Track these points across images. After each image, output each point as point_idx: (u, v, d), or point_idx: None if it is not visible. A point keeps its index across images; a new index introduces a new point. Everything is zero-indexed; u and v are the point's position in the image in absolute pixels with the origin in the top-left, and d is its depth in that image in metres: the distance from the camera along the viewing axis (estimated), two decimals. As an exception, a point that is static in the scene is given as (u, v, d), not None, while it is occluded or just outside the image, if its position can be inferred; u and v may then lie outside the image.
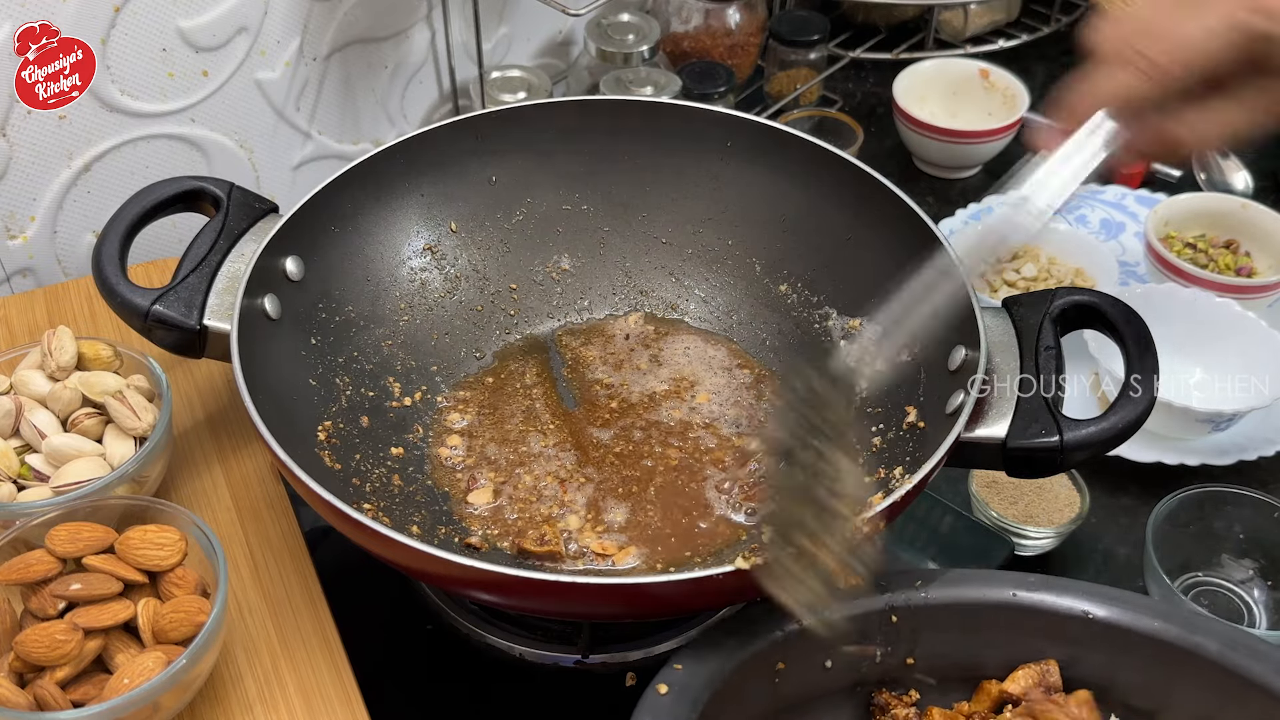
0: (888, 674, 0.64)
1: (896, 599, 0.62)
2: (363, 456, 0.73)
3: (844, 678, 0.63)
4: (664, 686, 0.57)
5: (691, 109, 0.83)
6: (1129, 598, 0.62)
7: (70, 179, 0.89)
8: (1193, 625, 0.61)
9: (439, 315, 0.82)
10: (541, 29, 1.14)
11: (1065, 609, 0.62)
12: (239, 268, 0.71)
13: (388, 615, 0.75)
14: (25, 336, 0.85)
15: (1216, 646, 0.60)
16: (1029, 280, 0.96)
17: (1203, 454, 0.83)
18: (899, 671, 0.64)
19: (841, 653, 0.62)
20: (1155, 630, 0.61)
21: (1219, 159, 1.11)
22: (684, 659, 0.58)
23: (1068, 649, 0.63)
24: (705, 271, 0.86)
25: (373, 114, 1.04)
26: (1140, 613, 0.62)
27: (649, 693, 0.57)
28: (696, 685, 0.57)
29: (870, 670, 0.63)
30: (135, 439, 0.71)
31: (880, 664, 0.63)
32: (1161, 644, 0.61)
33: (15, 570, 0.62)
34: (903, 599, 0.62)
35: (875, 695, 0.64)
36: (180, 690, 0.61)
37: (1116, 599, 0.62)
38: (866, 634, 0.62)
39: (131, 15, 0.84)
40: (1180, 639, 0.60)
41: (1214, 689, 0.60)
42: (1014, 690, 0.62)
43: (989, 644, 0.63)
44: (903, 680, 0.64)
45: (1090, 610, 0.62)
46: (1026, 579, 0.63)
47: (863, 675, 0.64)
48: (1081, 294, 0.69)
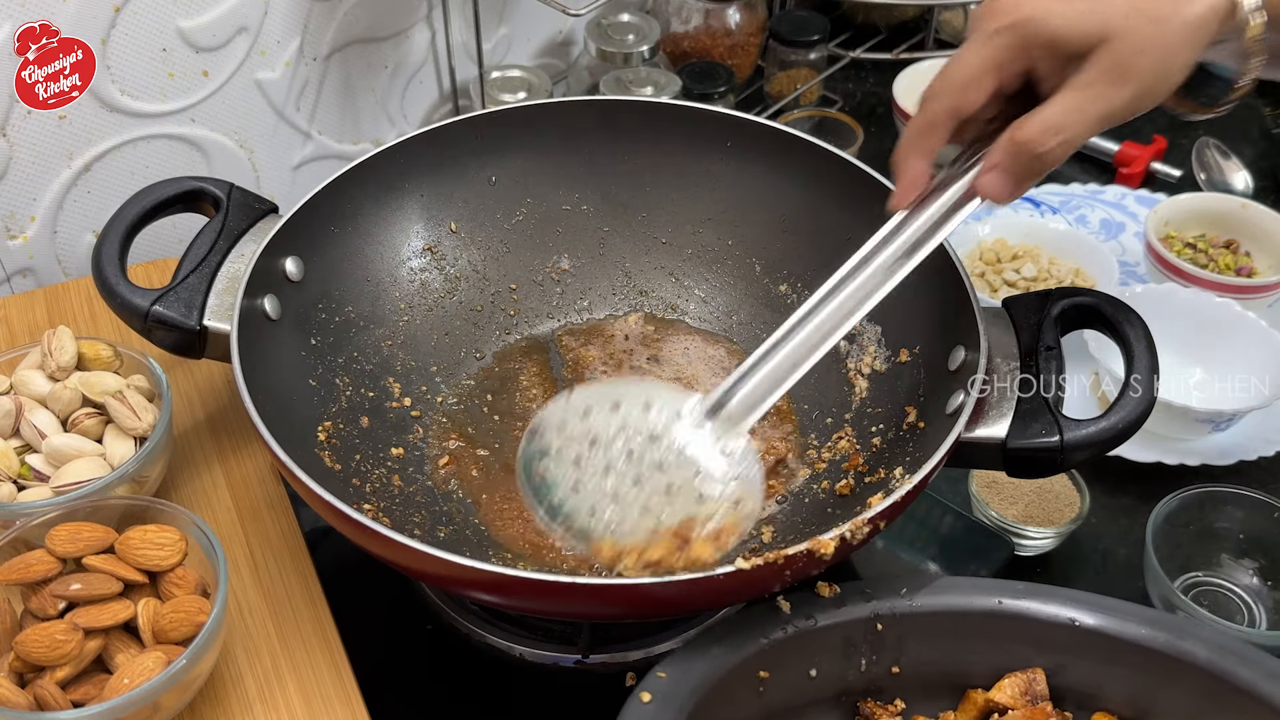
0: (873, 683, 0.63)
1: (881, 607, 0.62)
2: (363, 457, 0.73)
3: (829, 687, 0.63)
4: (647, 694, 0.56)
5: (691, 109, 0.83)
6: (1116, 605, 0.62)
7: (70, 179, 0.89)
8: (1181, 632, 0.61)
9: (439, 315, 0.82)
10: (541, 29, 1.14)
11: (1051, 617, 0.62)
12: (239, 268, 0.71)
13: (388, 615, 0.75)
14: (25, 336, 0.85)
15: (1205, 653, 0.60)
16: (1029, 280, 0.96)
17: (1203, 454, 0.83)
18: (884, 680, 0.63)
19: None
20: (1142, 638, 0.61)
21: (1219, 159, 1.11)
22: (668, 667, 0.58)
23: (1055, 657, 0.63)
24: (705, 271, 0.86)
25: (373, 114, 1.04)
26: (1127, 620, 0.61)
27: (632, 700, 0.56)
28: (681, 693, 0.57)
29: (855, 679, 0.63)
30: (135, 439, 0.71)
31: (865, 673, 0.63)
32: (1149, 651, 0.61)
33: (15, 570, 0.62)
34: (888, 607, 0.62)
35: (861, 704, 0.64)
36: (180, 690, 0.61)
37: (1103, 606, 0.62)
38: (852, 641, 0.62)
39: (131, 15, 0.84)
40: (1168, 646, 0.60)
41: (1203, 695, 0.60)
42: (1000, 699, 0.62)
43: (975, 652, 0.63)
44: (888, 689, 0.64)
45: (1077, 618, 0.62)
46: (1013, 586, 0.63)
47: (848, 684, 0.63)
48: (1081, 294, 0.69)
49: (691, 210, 0.85)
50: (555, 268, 0.86)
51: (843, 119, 1.08)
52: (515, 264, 0.85)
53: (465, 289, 0.84)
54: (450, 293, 0.83)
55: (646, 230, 0.86)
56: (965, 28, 1.23)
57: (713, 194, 0.84)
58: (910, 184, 0.62)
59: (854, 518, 0.58)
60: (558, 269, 0.86)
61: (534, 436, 0.64)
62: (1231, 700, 0.59)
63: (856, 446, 0.74)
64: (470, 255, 0.84)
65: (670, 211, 0.86)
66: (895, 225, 0.62)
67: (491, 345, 0.84)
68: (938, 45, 1.24)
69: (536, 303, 0.86)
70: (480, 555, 0.69)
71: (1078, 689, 0.63)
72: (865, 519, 0.58)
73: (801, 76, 1.16)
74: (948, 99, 0.59)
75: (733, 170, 0.83)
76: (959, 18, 1.23)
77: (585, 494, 0.62)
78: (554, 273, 0.86)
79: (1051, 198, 1.07)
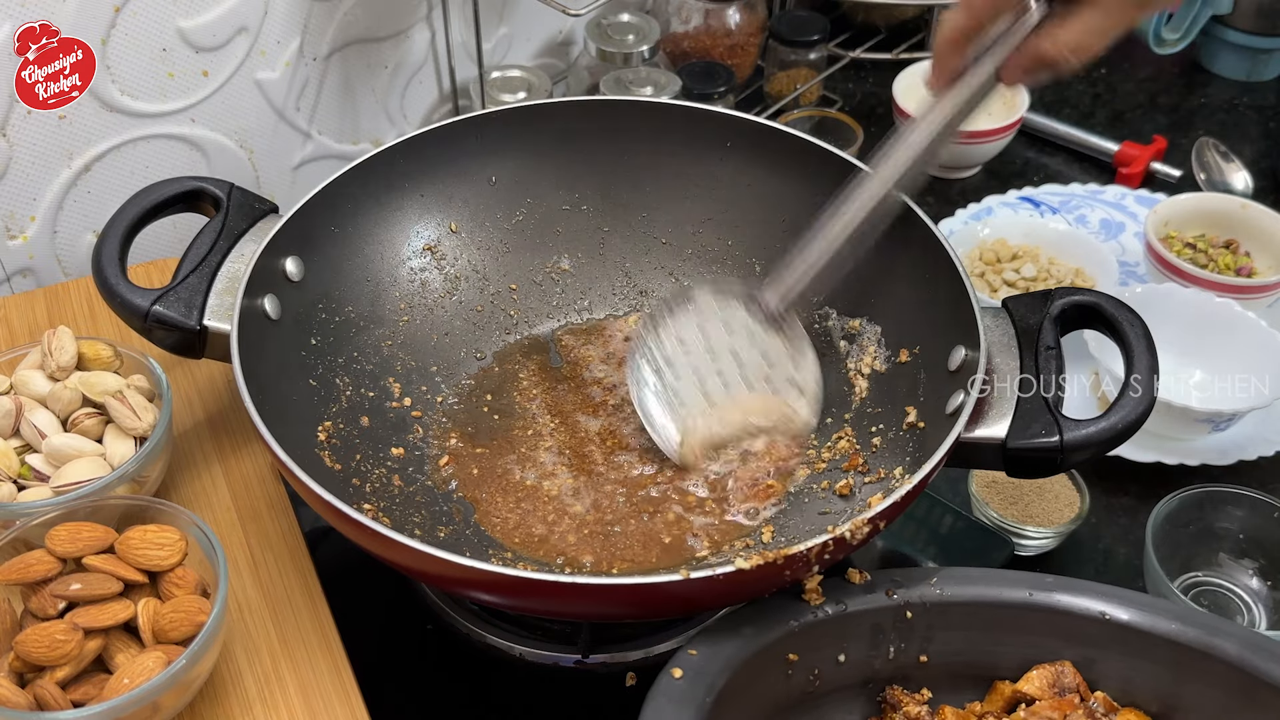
0: (900, 671, 0.64)
1: (911, 595, 0.62)
2: (363, 457, 0.73)
3: (857, 673, 0.63)
4: (678, 670, 0.57)
5: (691, 109, 0.83)
6: (1146, 600, 0.62)
7: (70, 179, 0.89)
8: (1212, 628, 0.61)
9: (439, 315, 0.82)
10: (541, 29, 1.14)
11: (1082, 610, 0.62)
12: (239, 268, 0.71)
13: (388, 615, 0.75)
14: (25, 336, 0.85)
15: (1235, 649, 0.60)
16: (1029, 280, 0.96)
17: (1203, 454, 0.83)
18: (912, 669, 0.64)
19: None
20: (1173, 632, 0.61)
21: (1219, 159, 1.11)
22: (698, 645, 0.58)
23: (1083, 650, 0.63)
24: (705, 271, 0.86)
25: (373, 114, 1.04)
26: (1158, 615, 0.61)
27: (664, 676, 0.56)
28: (712, 670, 0.57)
29: (883, 667, 0.63)
30: (135, 439, 0.71)
31: (893, 660, 0.63)
32: (1179, 646, 0.61)
33: (15, 570, 0.62)
34: (917, 595, 0.62)
35: (887, 692, 0.64)
36: (180, 690, 0.61)
37: (1134, 601, 0.62)
38: (881, 629, 0.62)
39: (131, 15, 0.84)
40: (1198, 641, 0.60)
41: (1232, 691, 0.60)
42: (1028, 690, 0.62)
43: (1003, 644, 0.63)
44: (915, 678, 0.64)
45: (1107, 611, 0.62)
46: (1043, 579, 0.63)
47: (875, 671, 0.63)
48: (1081, 294, 0.69)
49: (691, 210, 0.85)
50: (555, 268, 0.86)
51: (843, 119, 1.08)
52: (515, 264, 0.85)
53: (465, 289, 0.84)
54: (450, 293, 0.83)
55: (646, 230, 0.86)
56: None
57: (713, 194, 0.84)
58: (950, 70, 0.67)
59: (854, 518, 0.58)
60: (558, 269, 0.86)
61: (637, 358, 0.74)
62: (1261, 697, 0.59)
63: (856, 446, 0.74)
64: (470, 255, 0.84)
65: (670, 211, 0.86)
66: (931, 104, 0.68)
67: (491, 345, 0.84)
68: (938, 45, 1.24)
69: (536, 303, 0.86)
70: (480, 555, 0.69)
71: (1106, 683, 0.63)
72: (865, 519, 0.58)
73: (801, 76, 1.16)
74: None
75: (733, 170, 0.83)
76: (959, 18, 1.23)
77: (695, 373, 0.74)
78: (554, 273, 0.86)
79: (1051, 198, 1.07)
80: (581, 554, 0.71)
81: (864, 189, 0.70)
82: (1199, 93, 1.23)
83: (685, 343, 0.75)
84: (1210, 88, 1.24)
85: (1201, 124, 1.18)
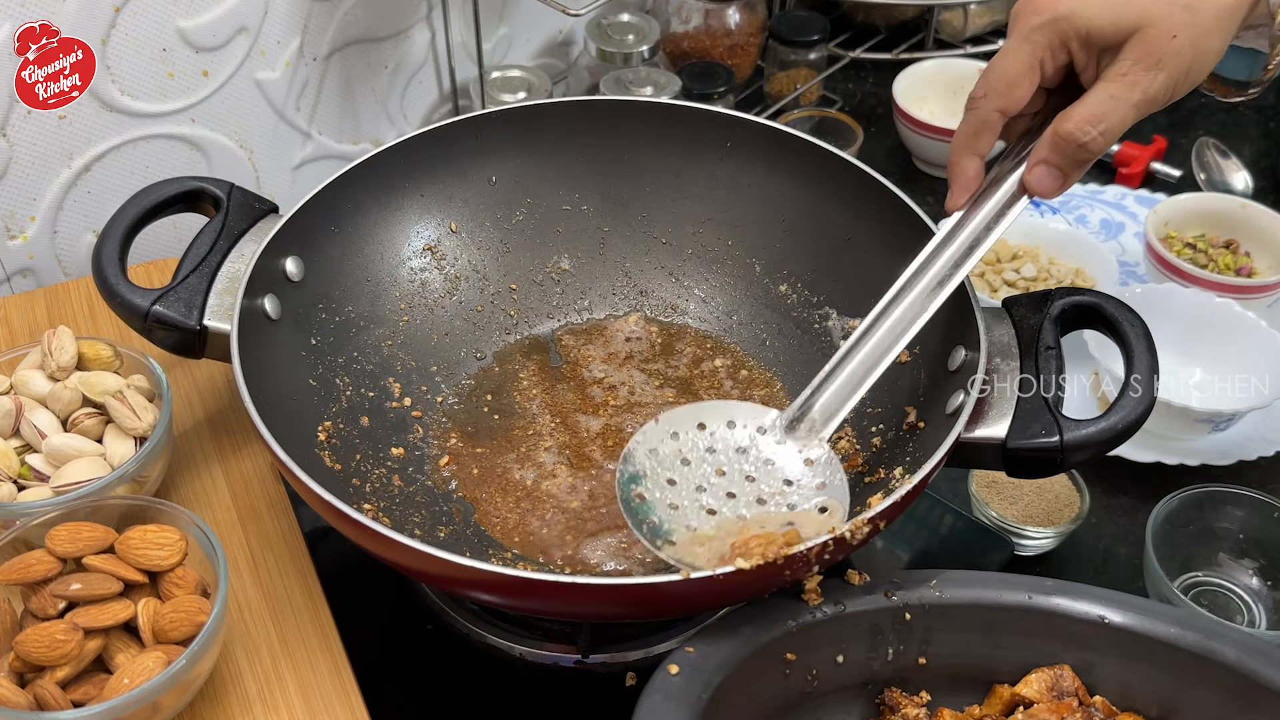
0: (899, 673, 0.64)
1: (910, 597, 0.62)
2: (363, 457, 0.73)
3: (855, 674, 0.63)
4: (675, 667, 0.57)
5: (691, 109, 0.83)
6: (1145, 604, 0.62)
7: (70, 179, 0.89)
8: (1210, 632, 0.61)
9: (439, 315, 0.82)
10: (541, 29, 1.14)
11: (1081, 614, 0.62)
12: (239, 268, 0.71)
13: (388, 615, 0.75)
14: (25, 336, 0.85)
15: (1234, 653, 0.60)
16: (1029, 280, 0.96)
17: (1202, 454, 0.83)
18: (910, 671, 0.64)
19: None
20: (1172, 637, 0.61)
21: (1219, 159, 1.11)
22: (696, 643, 0.58)
23: (1082, 654, 0.63)
24: (705, 272, 0.86)
25: (373, 114, 1.04)
26: (1157, 619, 0.61)
27: (660, 673, 0.56)
28: (709, 668, 0.57)
29: (882, 668, 0.63)
30: (135, 439, 0.71)
31: (892, 662, 0.63)
32: (1178, 650, 0.60)
33: (15, 570, 0.62)
34: (916, 597, 0.62)
35: (886, 694, 0.64)
36: (180, 690, 0.61)
37: (1133, 605, 0.62)
38: (880, 630, 0.62)
39: (131, 15, 0.85)
40: (1197, 645, 0.60)
41: (1231, 695, 0.60)
42: (1027, 694, 0.62)
43: (1003, 647, 0.63)
44: (914, 680, 0.64)
45: (1106, 615, 0.62)
46: (1043, 583, 0.63)
47: (874, 673, 0.63)
48: (1081, 294, 0.69)
49: (691, 210, 0.85)
50: (555, 268, 0.86)
51: (843, 119, 1.08)
52: (515, 264, 0.85)
53: (465, 289, 0.84)
54: (450, 293, 0.83)
55: (646, 230, 0.86)
56: (965, 28, 1.24)
57: (713, 194, 0.84)
58: (965, 185, 0.65)
59: (854, 518, 0.58)
60: (558, 269, 0.86)
61: (628, 461, 0.66)
62: (1260, 701, 0.59)
63: (856, 446, 0.74)
64: (470, 255, 0.84)
65: (670, 211, 0.86)
66: (953, 225, 0.66)
67: (491, 345, 0.84)
68: (938, 45, 1.24)
69: (536, 303, 0.86)
70: (480, 555, 0.69)
71: (1105, 686, 0.63)
72: (865, 519, 0.58)
73: (801, 76, 1.16)
74: (996, 99, 0.62)
75: (733, 170, 0.83)
76: (959, 18, 1.23)
77: (682, 510, 0.64)
78: (554, 273, 0.86)
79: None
80: (582, 554, 0.71)
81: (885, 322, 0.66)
82: (1199, 92, 1.23)
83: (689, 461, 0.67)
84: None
85: (1201, 124, 1.18)
